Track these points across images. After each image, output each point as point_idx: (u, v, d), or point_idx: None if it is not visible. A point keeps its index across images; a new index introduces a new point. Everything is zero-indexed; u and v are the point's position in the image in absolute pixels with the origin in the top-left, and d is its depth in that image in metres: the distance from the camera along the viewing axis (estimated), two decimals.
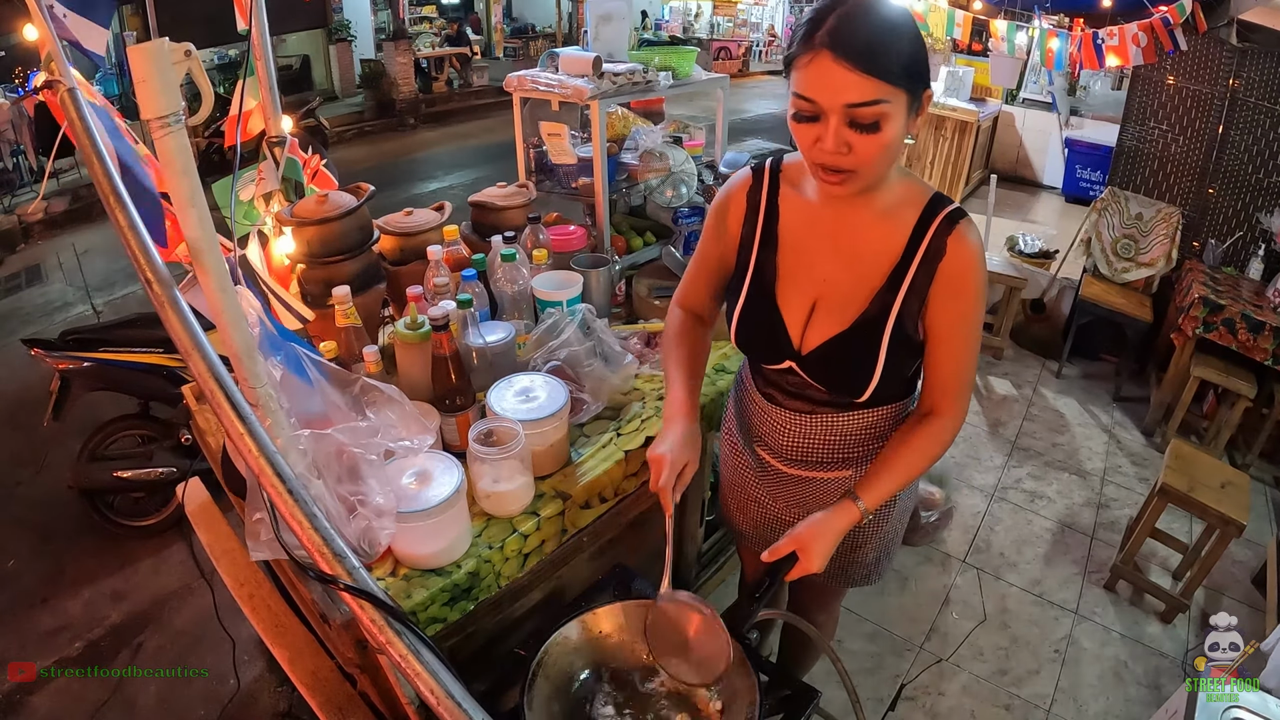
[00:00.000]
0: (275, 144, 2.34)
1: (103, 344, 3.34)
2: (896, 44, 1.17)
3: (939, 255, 1.36)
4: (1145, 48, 4.30)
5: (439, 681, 0.98)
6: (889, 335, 1.41)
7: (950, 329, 1.41)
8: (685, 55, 2.85)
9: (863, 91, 1.16)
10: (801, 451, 1.65)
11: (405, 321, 1.91)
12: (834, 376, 1.50)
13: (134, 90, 0.95)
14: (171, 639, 2.99)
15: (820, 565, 1.45)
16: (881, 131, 1.19)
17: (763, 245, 1.52)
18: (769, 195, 1.53)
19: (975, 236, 1.37)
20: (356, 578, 1.00)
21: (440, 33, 14.17)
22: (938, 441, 1.50)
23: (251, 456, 0.99)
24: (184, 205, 0.98)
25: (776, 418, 1.65)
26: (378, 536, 1.40)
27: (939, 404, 1.49)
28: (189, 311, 0.99)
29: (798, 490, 1.71)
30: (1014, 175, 8.41)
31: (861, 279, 1.43)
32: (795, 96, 1.22)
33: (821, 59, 1.15)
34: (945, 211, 1.37)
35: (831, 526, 1.46)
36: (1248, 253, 4.41)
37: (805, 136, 1.25)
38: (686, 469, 1.53)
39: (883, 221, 1.40)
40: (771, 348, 1.54)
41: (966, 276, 1.37)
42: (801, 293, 1.49)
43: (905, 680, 2.75)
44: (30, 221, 7.30)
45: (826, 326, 1.46)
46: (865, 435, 1.61)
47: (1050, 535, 3.51)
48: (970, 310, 1.41)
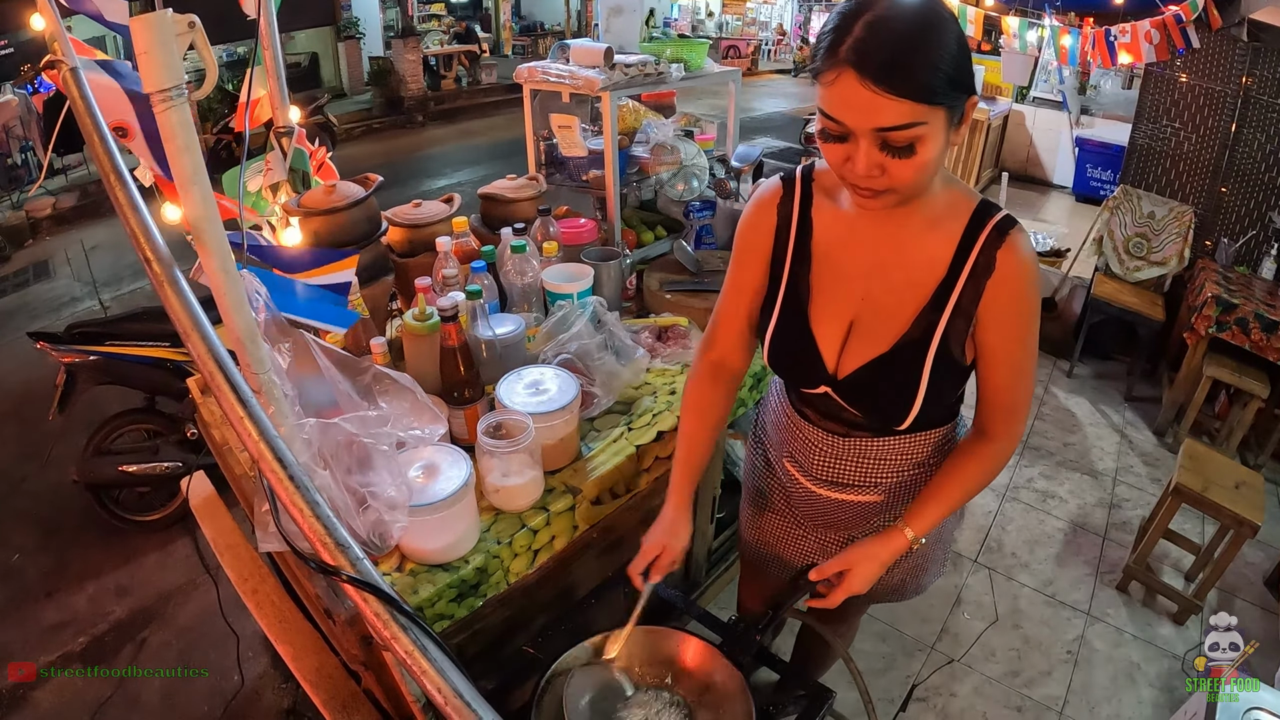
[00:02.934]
0: (283, 134, 2.32)
1: (108, 338, 3.33)
2: (933, 55, 1.03)
3: (988, 271, 1.25)
4: (1158, 45, 4.28)
5: (446, 679, 0.94)
6: (932, 359, 1.31)
7: (1003, 349, 1.32)
8: (697, 47, 2.83)
9: (896, 115, 1.04)
10: (833, 473, 1.56)
11: (413, 313, 1.88)
12: (872, 403, 1.42)
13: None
14: (176, 635, 2.98)
15: (864, 588, 1.43)
16: (918, 154, 1.08)
17: (795, 261, 1.41)
18: (801, 207, 1.40)
19: (1028, 247, 1.26)
20: (360, 569, 0.97)
21: (449, 30, 14.18)
22: (991, 467, 1.43)
23: (251, 441, 0.96)
24: (186, 182, 0.95)
25: (809, 435, 1.56)
26: (389, 529, 1.37)
27: (992, 427, 1.40)
28: (189, 291, 0.97)
29: (824, 510, 1.64)
30: (1024, 174, 8.38)
31: (903, 297, 1.32)
32: (821, 113, 1.11)
33: (847, 78, 1.03)
34: (994, 221, 1.26)
35: (879, 553, 1.43)
36: (1260, 252, 4.37)
37: (835, 155, 1.14)
38: (663, 555, 1.51)
39: (926, 234, 1.29)
40: (805, 371, 1.44)
41: (1019, 293, 1.27)
42: (838, 313, 1.38)
43: (916, 681, 2.72)
44: (38, 217, 7.31)
45: (865, 349, 1.36)
46: (901, 461, 1.52)
47: (1062, 535, 3.47)
48: (1025, 329, 1.30)
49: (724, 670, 1.46)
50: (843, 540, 1.67)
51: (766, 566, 1.87)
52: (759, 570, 1.93)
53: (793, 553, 1.78)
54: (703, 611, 1.70)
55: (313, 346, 1.44)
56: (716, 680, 1.46)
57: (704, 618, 1.69)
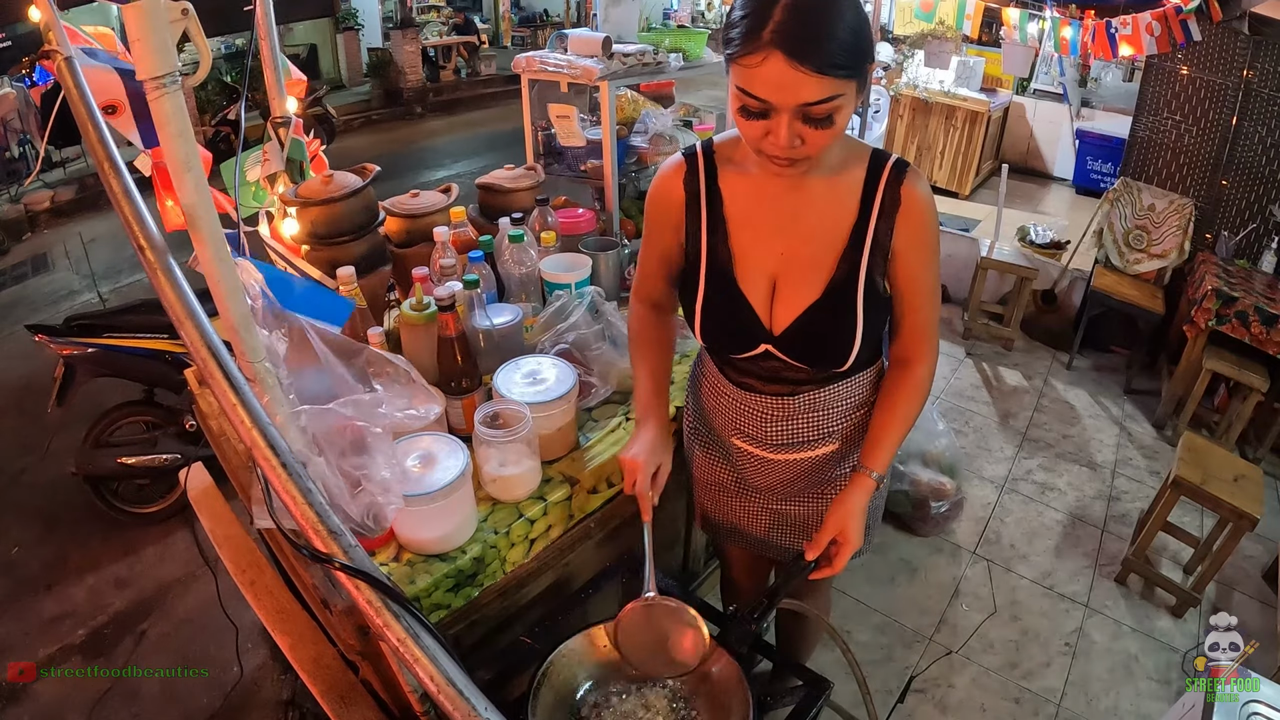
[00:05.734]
0: (280, 124, 2.32)
1: (107, 330, 3.32)
2: (845, 33, 1.11)
3: (895, 206, 1.36)
4: (1159, 37, 4.25)
5: (439, 667, 0.93)
6: (862, 293, 1.41)
7: (918, 276, 1.43)
8: (695, 37, 2.82)
9: (819, 90, 1.12)
10: (786, 435, 1.61)
11: (411, 302, 1.88)
12: (814, 350, 1.48)
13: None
14: (175, 627, 2.98)
15: (860, 541, 1.48)
16: (835, 124, 1.18)
17: (711, 231, 1.47)
18: (708, 178, 1.48)
19: (924, 182, 1.39)
20: (353, 556, 0.97)
21: (448, 21, 14.10)
22: (922, 392, 1.52)
23: (244, 429, 0.96)
24: (179, 169, 0.95)
25: (756, 405, 1.60)
26: (383, 511, 1.36)
27: (915, 352, 1.51)
28: (182, 278, 0.96)
29: (783, 473, 1.67)
30: (1024, 166, 8.34)
31: (823, 244, 1.41)
32: (742, 93, 1.16)
33: (774, 60, 1.09)
34: (890, 163, 1.38)
35: (856, 504, 1.48)
36: (1261, 245, 4.35)
37: (753, 130, 1.22)
38: (660, 471, 1.54)
39: (832, 183, 1.39)
40: (742, 336, 1.50)
41: (925, 222, 1.39)
42: (762, 271, 1.45)
43: (915, 672, 2.72)
44: (37, 210, 7.28)
45: (796, 300, 1.44)
46: (847, 406, 1.60)
47: (1061, 527, 3.47)
48: (931, 255, 1.43)
49: (721, 661, 1.46)
50: (800, 509, 1.73)
51: (736, 539, 1.89)
52: (731, 542, 1.95)
53: (762, 529, 1.80)
54: (701, 602, 1.70)
55: (308, 331, 1.44)
56: (714, 671, 1.46)
57: (702, 608, 1.68)
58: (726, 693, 1.42)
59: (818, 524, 1.51)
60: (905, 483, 3.25)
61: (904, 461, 3.31)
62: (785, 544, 1.79)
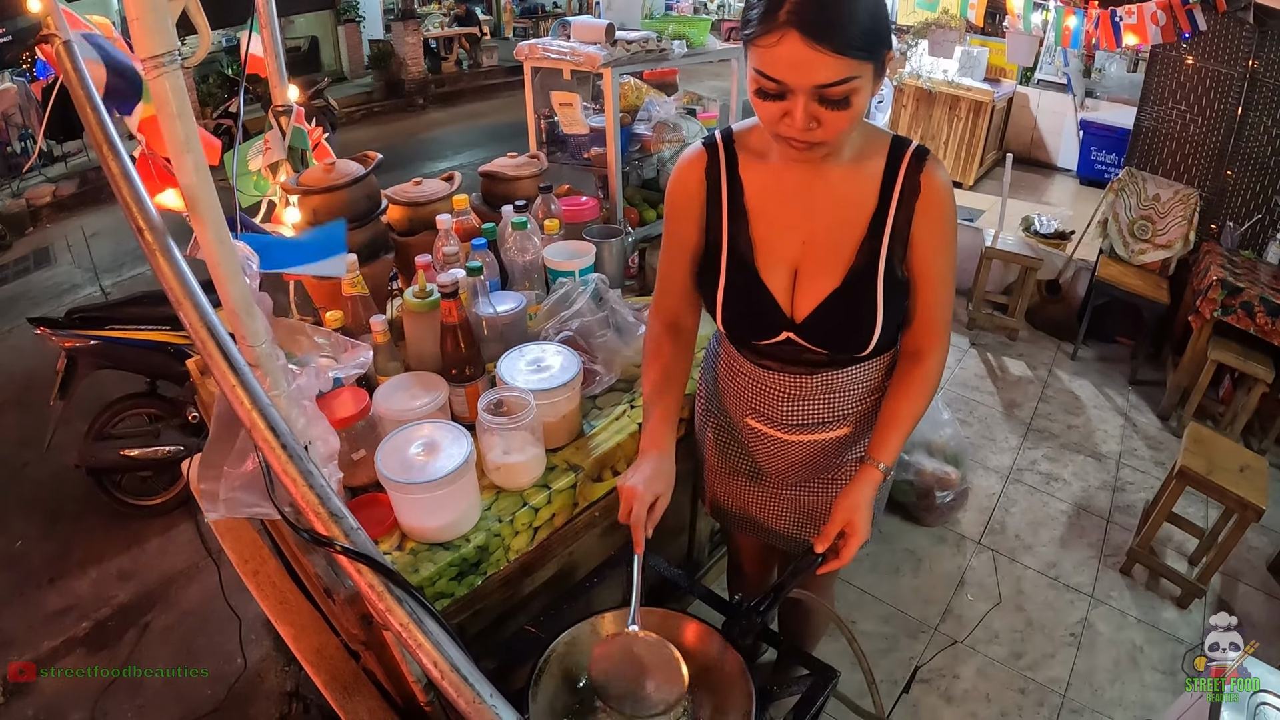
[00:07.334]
0: (281, 113, 2.30)
1: (109, 322, 3.31)
2: (862, 14, 1.12)
3: (915, 194, 1.37)
4: (1164, 27, 4.22)
5: (443, 652, 0.92)
6: (882, 281, 1.41)
7: (932, 265, 1.42)
8: (698, 24, 2.80)
9: (835, 71, 1.12)
10: (801, 415, 1.60)
11: (413, 290, 1.87)
12: (835, 337, 1.48)
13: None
14: (179, 618, 2.98)
15: (867, 533, 1.49)
16: (852, 106, 1.18)
17: (732, 220, 1.48)
18: (728, 167, 1.48)
19: (943, 170, 1.39)
20: (355, 539, 0.95)
21: (449, 13, 14.06)
22: (932, 385, 1.52)
23: (244, 410, 0.95)
24: (179, 150, 0.94)
25: (773, 383, 1.59)
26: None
27: (926, 343, 1.51)
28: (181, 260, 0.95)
29: (795, 456, 1.67)
30: (1028, 157, 8.30)
31: (842, 233, 1.41)
32: (759, 74, 1.17)
33: (790, 40, 1.10)
34: (910, 151, 1.38)
35: (863, 495, 1.48)
36: (1266, 236, 4.32)
37: (770, 112, 1.22)
38: (658, 503, 1.51)
39: (852, 171, 1.39)
40: (764, 323, 1.50)
41: (944, 211, 1.39)
42: (783, 260, 1.46)
43: (920, 662, 2.71)
44: (39, 204, 7.28)
45: (817, 288, 1.44)
46: (863, 389, 1.59)
47: (1066, 518, 3.46)
48: (949, 244, 1.43)
49: (724, 653, 1.45)
50: (809, 497, 1.72)
51: (745, 525, 1.88)
52: (739, 528, 1.93)
53: (771, 515, 1.79)
54: (706, 590, 1.70)
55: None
56: (716, 663, 1.45)
57: (707, 597, 1.68)
58: (729, 683, 1.42)
59: (825, 513, 1.51)
60: (910, 472, 3.24)
61: (909, 451, 3.29)
62: (793, 532, 1.78)
